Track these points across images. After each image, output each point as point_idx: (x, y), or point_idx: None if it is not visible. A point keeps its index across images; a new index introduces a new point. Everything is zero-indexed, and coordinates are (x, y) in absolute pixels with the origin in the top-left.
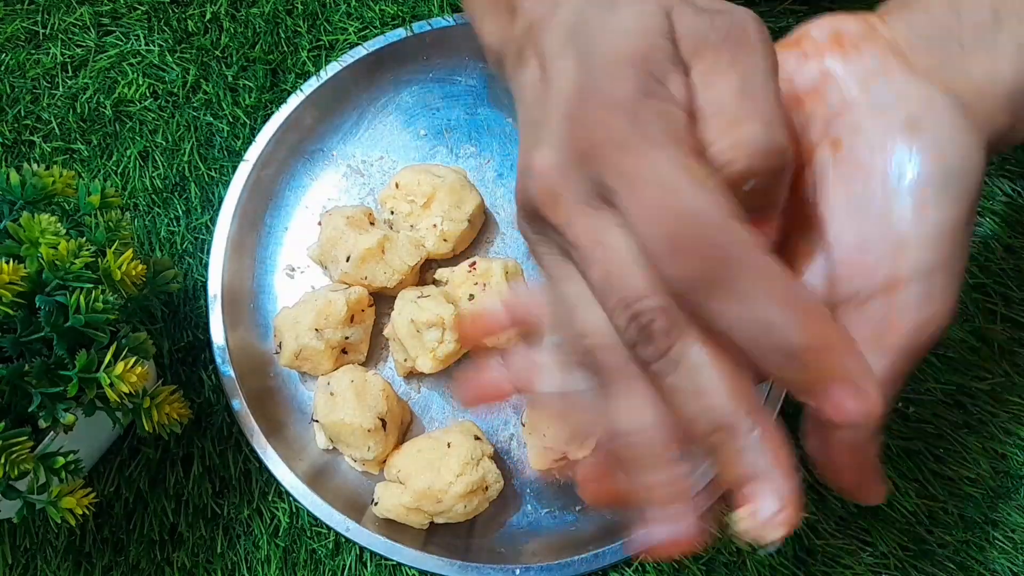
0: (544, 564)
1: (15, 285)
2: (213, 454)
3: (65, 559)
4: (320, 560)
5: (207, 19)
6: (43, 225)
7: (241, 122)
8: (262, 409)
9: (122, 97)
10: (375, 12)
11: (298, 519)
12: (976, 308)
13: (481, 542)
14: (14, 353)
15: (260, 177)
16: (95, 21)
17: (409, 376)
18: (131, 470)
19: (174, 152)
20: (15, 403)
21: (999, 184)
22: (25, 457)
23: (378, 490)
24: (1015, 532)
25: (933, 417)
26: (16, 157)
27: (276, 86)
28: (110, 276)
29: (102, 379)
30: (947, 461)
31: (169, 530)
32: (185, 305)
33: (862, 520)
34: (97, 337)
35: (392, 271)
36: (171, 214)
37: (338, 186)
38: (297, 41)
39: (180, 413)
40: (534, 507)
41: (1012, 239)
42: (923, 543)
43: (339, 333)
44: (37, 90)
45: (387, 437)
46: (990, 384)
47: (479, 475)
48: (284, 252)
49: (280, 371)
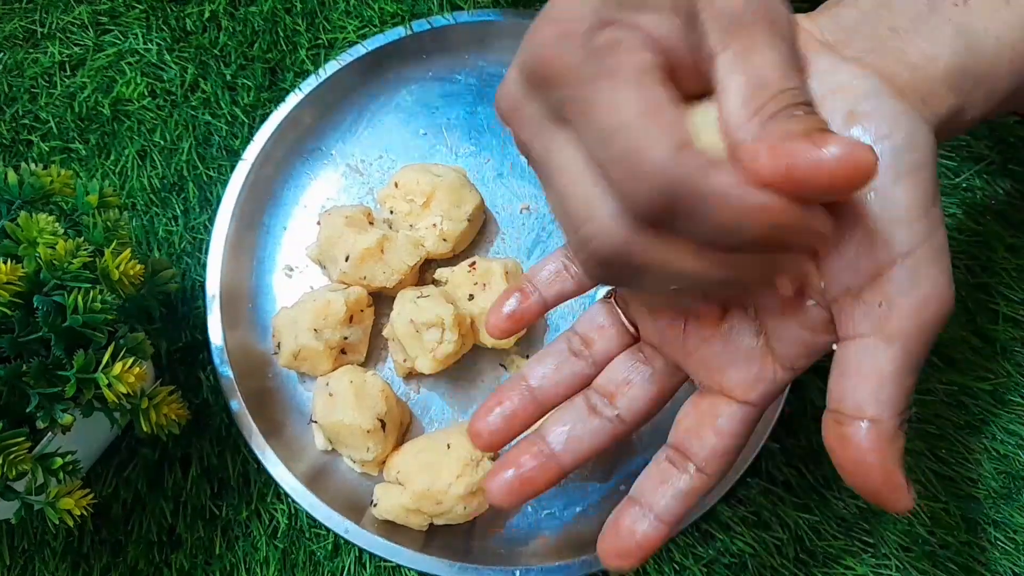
0: (544, 566)
1: (13, 285)
2: (211, 455)
3: (63, 560)
4: (319, 562)
5: (205, 18)
6: (41, 225)
7: (240, 121)
8: (261, 410)
9: (120, 96)
10: (374, 10)
11: (297, 520)
12: (978, 308)
13: (481, 543)
14: (12, 353)
15: (259, 176)
16: (93, 20)
17: (408, 377)
18: (129, 471)
19: (172, 151)
20: (13, 403)
21: (1000, 184)
22: (23, 458)
23: (377, 491)
24: (1017, 533)
25: (934, 417)
26: (14, 156)
27: (275, 85)
28: (108, 276)
29: (100, 379)
30: (949, 462)
31: (167, 531)
32: (183, 305)
33: (863, 521)
34: (95, 337)
35: (391, 271)
36: (169, 214)
37: (337, 185)
38: (296, 40)
39: (178, 414)
40: (534, 508)
41: (1014, 239)
42: (925, 544)
43: (338, 333)
44: (35, 89)
45: (386, 438)
46: (992, 384)
47: (479, 476)
48: (283, 252)
49: (279, 372)
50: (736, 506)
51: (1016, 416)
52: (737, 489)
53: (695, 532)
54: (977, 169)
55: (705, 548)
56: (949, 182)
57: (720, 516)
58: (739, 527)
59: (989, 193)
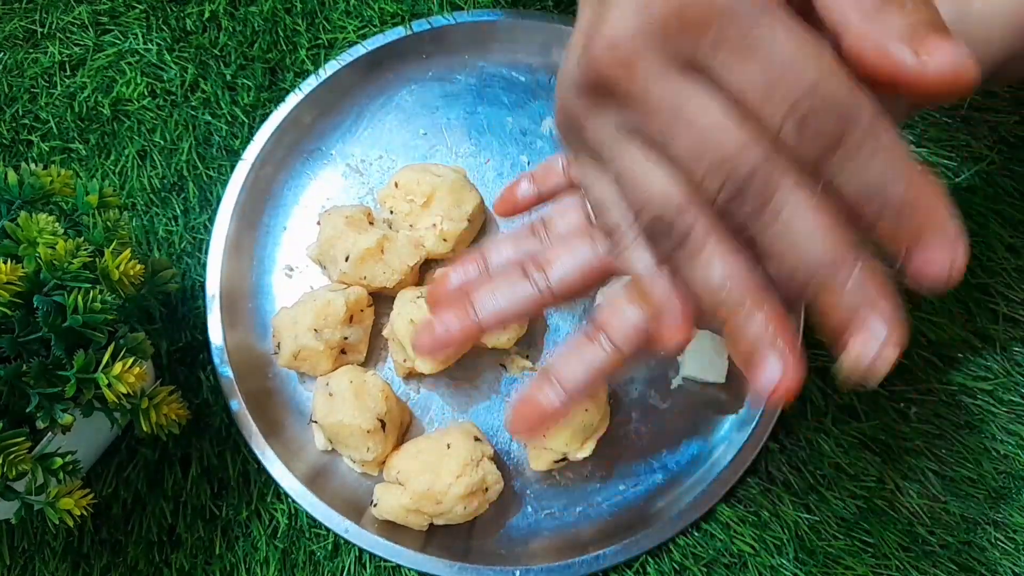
0: (544, 565)
1: (13, 285)
2: (211, 455)
3: (63, 560)
4: (319, 562)
5: (205, 18)
6: (41, 225)
7: (239, 121)
8: (261, 410)
9: (120, 96)
10: (374, 10)
11: (297, 520)
12: (977, 307)
13: (481, 544)
14: (12, 353)
15: (259, 176)
16: (93, 20)
17: (408, 377)
18: (129, 471)
19: (172, 151)
20: (13, 403)
21: (1001, 184)
22: (23, 458)
23: (377, 491)
24: (1017, 533)
25: (934, 417)
26: (14, 156)
27: (275, 85)
28: (108, 276)
29: (100, 379)
30: (948, 461)
31: (167, 531)
32: (183, 305)
33: (863, 521)
34: (95, 337)
35: (391, 271)
36: (169, 214)
37: (337, 185)
38: (296, 40)
39: (178, 414)
40: (534, 508)
41: (1013, 239)
42: (924, 544)
43: (338, 333)
44: (35, 89)
45: (386, 438)
46: (991, 384)
47: (479, 476)
48: (283, 252)
49: (279, 372)
50: (736, 506)
51: (1016, 416)
52: (737, 489)
53: (695, 532)
54: (977, 169)
55: (705, 548)
56: (949, 182)
57: (720, 516)
58: (739, 527)
59: (989, 193)
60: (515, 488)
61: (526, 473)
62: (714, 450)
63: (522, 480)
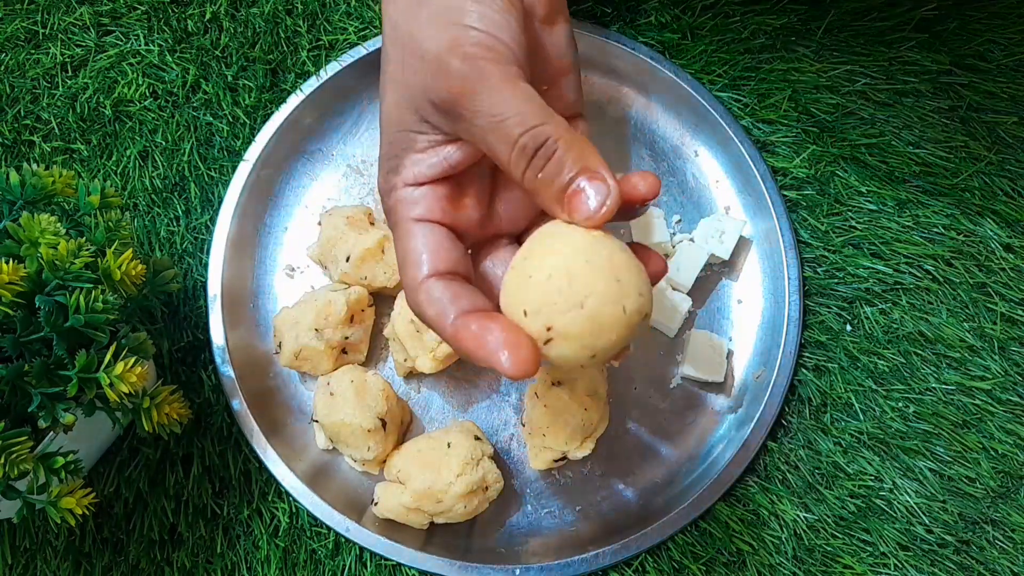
0: (544, 564)
1: (15, 285)
2: (213, 454)
3: (65, 559)
4: (320, 560)
5: (207, 19)
6: (43, 225)
7: (241, 122)
8: (262, 409)
9: (122, 97)
10: (375, 11)
11: (298, 519)
12: (976, 307)
13: (481, 542)
14: (14, 353)
15: (260, 177)
16: (95, 21)
17: (409, 376)
18: (131, 470)
19: (174, 152)
20: (15, 403)
21: (1000, 184)
22: (25, 457)
23: (378, 490)
24: (1015, 532)
25: (932, 416)
26: (16, 157)
27: (276, 86)
28: (110, 276)
29: (102, 379)
30: (947, 461)
31: (169, 530)
32: (185, 305)
33: (862, 520)
34: (97, 337)
35: (392, 271)
36: (171, 214)
37: (338, 186)
38: (297, 41)
39: (180, 413)
40: (534, 507)
41: (1011, 239)
42: (923, 543)
43: (339, 333)
44: (37, 90)
45: (387, 437)
46: (990, 383)
47: (479, 475)
48: (284, 252)
49: (280, 371)
50: (735, 505)
51: (1014, 415)
52: (736, 488)
53: (694, 531)
54: (976, 169)
55: (704, 547)
56: (948, 182)
57: (719, 515)
58: (738, 526)
59: (988, 193)
60: (515, 487)
61: (526, 472)
62: (713, 449)
63: (522, 479)
